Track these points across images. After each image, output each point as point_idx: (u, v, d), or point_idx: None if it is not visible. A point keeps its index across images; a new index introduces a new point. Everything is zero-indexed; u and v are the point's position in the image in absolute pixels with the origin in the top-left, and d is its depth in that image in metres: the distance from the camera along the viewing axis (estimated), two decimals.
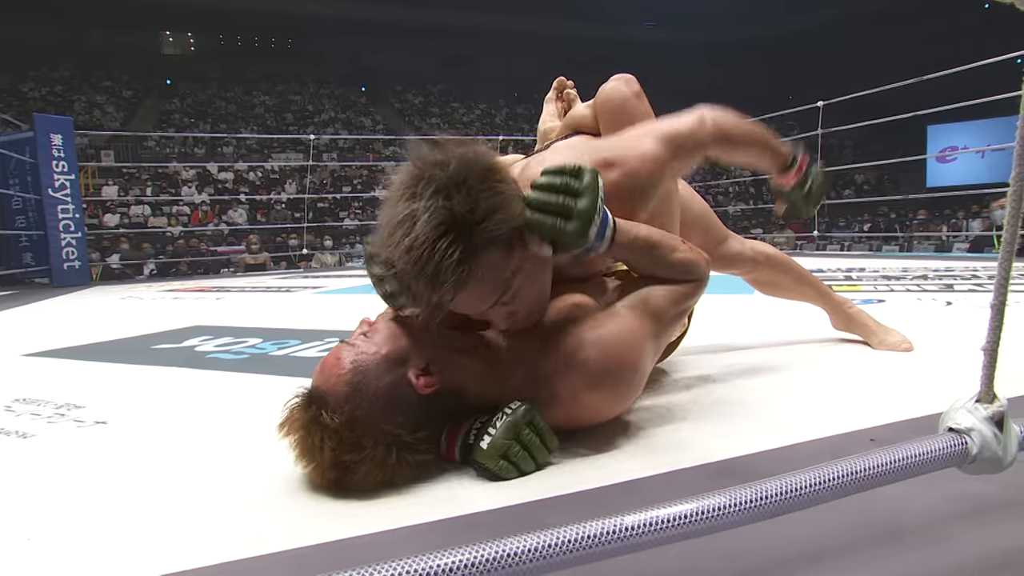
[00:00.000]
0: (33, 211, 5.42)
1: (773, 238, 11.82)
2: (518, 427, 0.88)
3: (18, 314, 3.44)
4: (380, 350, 0.88)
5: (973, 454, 0.62)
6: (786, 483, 0.56)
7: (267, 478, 0.94)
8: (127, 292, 4.62)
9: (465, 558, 0.48)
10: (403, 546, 0.73)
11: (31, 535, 0.80)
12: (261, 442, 1.11)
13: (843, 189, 16.52)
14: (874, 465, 0.59)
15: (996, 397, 0.63)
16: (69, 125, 5.62)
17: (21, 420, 1.31)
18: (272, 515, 0.83)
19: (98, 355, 2.07)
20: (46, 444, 1.16)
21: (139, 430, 1.25)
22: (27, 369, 1.90)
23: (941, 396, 0.67)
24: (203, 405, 1.45)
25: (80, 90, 18.09)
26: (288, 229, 10.34)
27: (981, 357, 0.64)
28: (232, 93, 19.73)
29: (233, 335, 2.36)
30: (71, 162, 5.37)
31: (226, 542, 0.76)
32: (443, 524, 0.78)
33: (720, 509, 0.54)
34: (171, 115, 18.10)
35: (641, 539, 0.53)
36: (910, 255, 7.42)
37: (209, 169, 14.09)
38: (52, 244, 5.26)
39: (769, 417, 1.15)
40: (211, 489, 0.93)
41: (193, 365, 1.86)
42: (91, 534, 0.80)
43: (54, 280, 5.26)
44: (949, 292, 2.81)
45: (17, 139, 5.54)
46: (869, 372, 1.49)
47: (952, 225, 11.59)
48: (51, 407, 1.40)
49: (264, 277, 5.95)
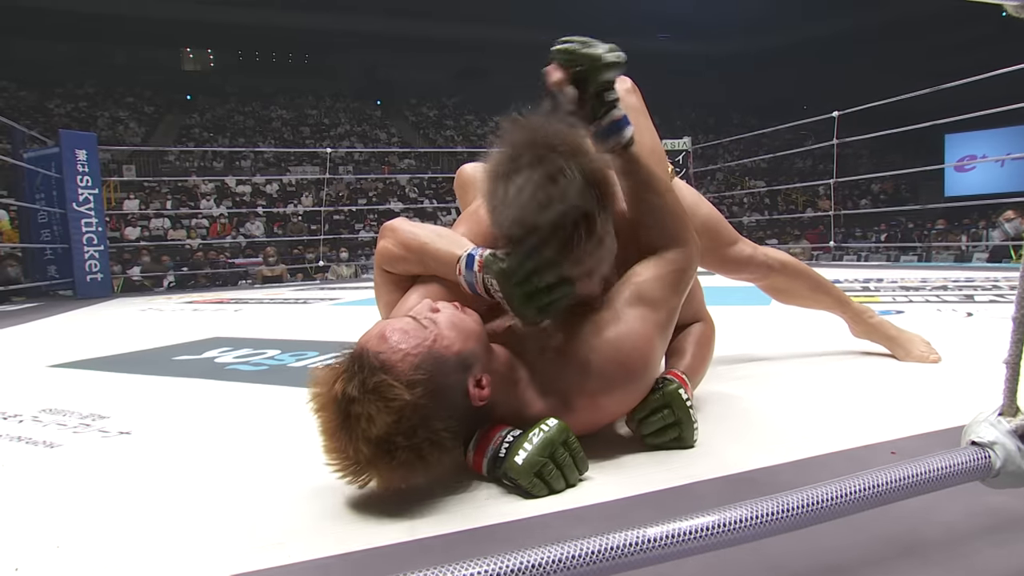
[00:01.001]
0: (58, 225, 5.53)
1: (789, 248, 11.72)
2: (553, 445, 0.87)
3: (43, 326, 3.50)
4: (453, 345, 0.86)
5: (997, 468, 0.61)
6: (807, 496, 0.56)
7: (288, 487, 0.95)
8: (147, 304, 4.68)
9: (488, 568, 0.49)
10: (426, 556, 0.74)
11: (60, 543, 0.81)
12: (280, 452, 1.13)
13: (860, 199, 16.36)
14: (896, 478, 0.58)
15: (1019, 410, 0.63)
16: (93, 141, 5.73)
17: (48, 430, 1.33)
18: (293, 524, 0.83)
19: (121, 366, 2.10)
20: (72, 454, 1.18)
21: (162, 441, 1.27)
22: (53, 380, 1.93)
23: (964, 409, 0.66)
24: (223, 416, 1.46)
25: (103, 106, 18.48)
26: (304, 241, 10.43)
27: (1003, 370, 0.64)
28: (250, 108, 20.03)
29: (252, 346, 2.39)
30: (95, 177, 5.47)
31: (248, 551, 0.77)
32: (467, 535, 0.78)
33: (742, 521, 0.54)
34: (191, 130, 18.40)
35: (663, 551, 0.54)
36: (929, 265, 7.32)
37: (227, 182, 14.28)
38: (76, 257, 5.36)
39: (790, 429, 1.15)
40: (233, 498, 0.94)
41: (213, 376, 1.88)
42: (116, 543, 0.82)
43: (77, 292, 5.35)
44: (970, 303, 2.77)
45: (43, 155, 5.66)
46: (890, 383, 1.48)
47: (972, 235, 11.41)
48: (76, 417, 1.43)
49: (281, 289, 6.01)
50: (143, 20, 19.08)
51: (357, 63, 21.27)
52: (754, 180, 17.48)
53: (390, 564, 0.70)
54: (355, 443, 0.79)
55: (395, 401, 0.78)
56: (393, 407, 0.78)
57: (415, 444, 0.80)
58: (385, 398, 0.78)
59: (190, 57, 22.44)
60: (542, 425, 0.89)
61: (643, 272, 1.01)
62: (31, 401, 1.60)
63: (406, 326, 0.86)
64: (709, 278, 1.44)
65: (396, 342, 0.83)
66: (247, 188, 14.67)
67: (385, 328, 0.86)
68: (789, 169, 18.08)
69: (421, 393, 0.80)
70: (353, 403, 0.78)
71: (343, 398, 0.79)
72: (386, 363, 0.80)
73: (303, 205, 13.79)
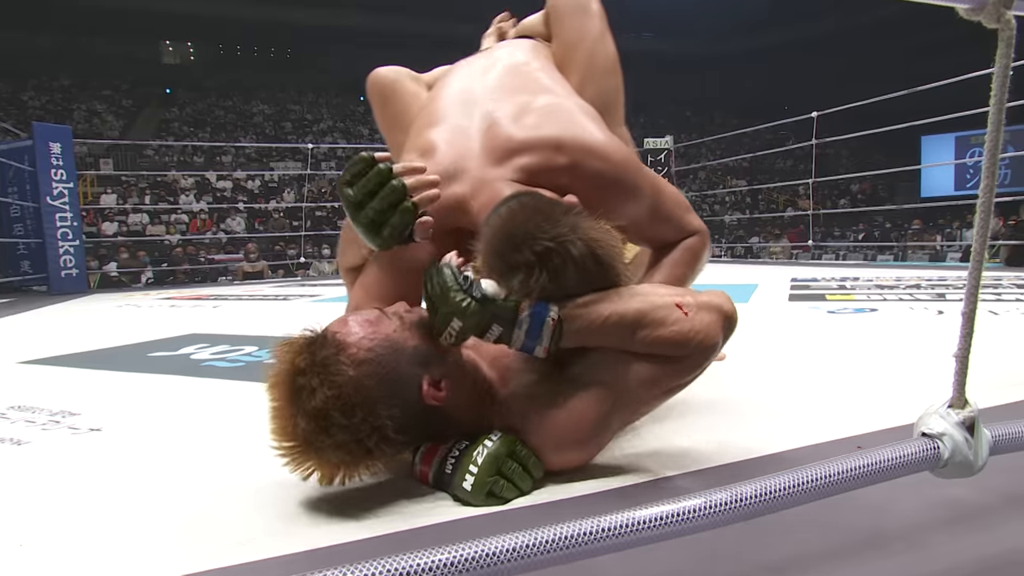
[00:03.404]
0: (31, 219, 5.43)
1: (769, 247, 11.85)
2: (499, 460, 0.84)
3: (15, 322, 3.44)
4: (411, 339, 0.85)
5: (945, 458, 0.63)
6: (761, 486, 0.58)
7: (258, 485, 0.95)
8: (124, 300, 4.62)
9: (446, 558, 0.49)
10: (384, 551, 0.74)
11: (23, 541, 0.81)
12: (251, 449, 1.12)
13: (839, 199, 16.60)
14: (847, 469, 0.60)
15: (968, 402, 0.65)
16: (68, 134, 5.63)
17: (16, 427, 1.32)
18: (262, 521, 0.83)
19: (94, 363, 2.07)
20: (40, 451, 1.17)
21: (133, 437, 1.26)
22: (23, 376, 1.90)
23: (927, 402, 0.68)
24: (197, 413, 1.45)
25: (80, 99, 18.14)
26: (286, 238, 10.35)
27: (954, 364, 0.66)
28: (231, 102, 19.79)
29: (229, 343, 2.37)
30: (70, 170, 5.38)
31: (216, 548, 0.77)
32: (440, 527, 0.79)
33: (697, 510, 0.56)
34: (170, 124, 18.15)
35: (622, 539, 0.54)
36: (904, 264, 7.46)
37: (208, 177, 14.12)
38: (50, 252, 5.26)
39: (758, 425, 1.17)
40: (202, 496, 0.94)
41: (188, 372, 1.87)
42: (82, 540, 0.81)
43: (52, 288, 5.26)
44: (941, 301, 2.83)
45: (16, 147, 5.55)
46: (859, 380, 1.51)
47: (946, 235, 11.64)
48: (46, 414, 1.41)
49: (261, 285, 5.96)
50: (121, 11, 18.68)
51: (340, 58, 21.10)
52: (736, 179, 17.65)
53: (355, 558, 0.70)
54: (294, 417, 0.78)
55: (338, 376, 0.78)
56: (335, 381, 0.77)
57: (353, 424, 0.78)
58: (329, 371, 0.78)
59: (170, 50, 22.09)
60: (485, 440, 0.85)
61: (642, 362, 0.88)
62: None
63: (369, 315, 0.86)
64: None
65: (355, 324, 0.84)
66: (228, 184, 14.51)
67: (350, 315, 0.87)
68: (770, 168, 18.27)
69: (367, 372, 0.79)
70: (300, 374, 0.79)
71: (292, 370, 0.79)
72: (340, 342, 0.81)
73: (285, 201, 13.68)
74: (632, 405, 0.92)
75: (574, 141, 1.06)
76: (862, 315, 2.55)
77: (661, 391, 0.92)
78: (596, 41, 1.37)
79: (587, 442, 0.92)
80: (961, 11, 0.63)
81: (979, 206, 0.61)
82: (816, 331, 2.24)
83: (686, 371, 0.90)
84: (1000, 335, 1.97)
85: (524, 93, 1.16)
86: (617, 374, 0.88)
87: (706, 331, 0.87)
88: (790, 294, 3.38)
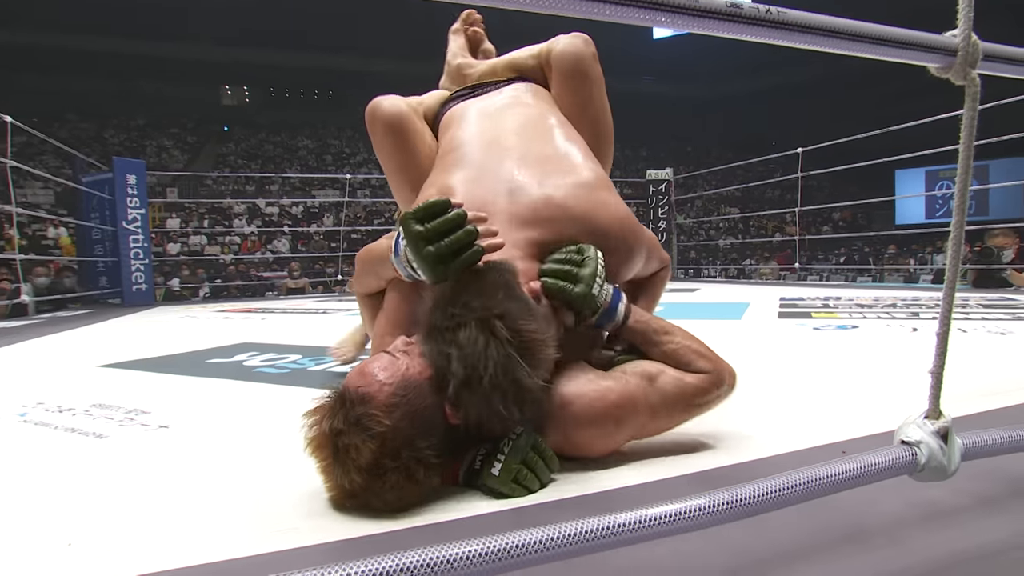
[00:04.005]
0: (109, 241, 5.56)
1: (759, 269, 11.74)
2: (523, 451, 0.86)
3: (95, 330, 3.51)
4: (423, 371, 0.83)
5: (922, 464, 0.63)
6: (759, 487, 0.58)
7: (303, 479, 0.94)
8: (185, 312, 4.69)
9: (477, 549, 0.50)
10: (423, 539, 0.75)
11: (106, 521, 0.83)
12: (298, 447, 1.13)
13: (822, 226, 16.43)
14: (835, 472, 0.60)
15: (942, 414, 0.65)
16: (142, 167, 5.77)
17: (97, 423, 1.35)
18: (307, 511, 0.84)
19: (161, 367, 2.11)
20: (117, 445, 1.20)
21: (195, 434, 1.28)
22: (102, 378, 1.94)
23: (905, 413, 0.68)
24: (250, 413, 1.47)
25: (152, 136, 18.68)
26: (325, 257, 10.45)
27: (929, 379, 0.66)
28: (279, 138, 20.17)
29: (276, 351, 2.40)
30: (142, 198, 5.50)
31: (266, 534, 0.77)
32: (463, 522, 0.79)
33: (701, 509, 0.56)
34: (227, 157, 18.53)
35: (634, 534, 0.55)
36: (881, 285, 7.35)
37: (258, 204, 14.34)
38: (124, 269, 5.38)
39: (752, 432, 1.16)
40: (254, 487, 0.95)
41: (242, 378, 1.89)
42: (153, 523, 0.83)
43: (124, 300, 5.36)
44: (916, 319, 2.79)
45: (99, 179, 5.72)
46: (843, 391, 1.49)
47: (919, 259, 11.46)
48: (122, 412, 1.44)
49: (303, 300, 6.01)
50: (187, 61, 19.47)
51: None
52: (729, 207, 17.56)
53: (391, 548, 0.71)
54: (348, 475, 0.78)
55: (376, 428, 0.76)
56: (376, 433, 0.76)
57: (403, 465, 0.78)
58: (367, 427, 0.76)
59: (228, 93, 22.63)
60: (511, 435, 0.87)
61: (669, 371, 0.98)
62: (83, 397, 1.61)
63: (380, 361, 0.84)
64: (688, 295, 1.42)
65: (372, 375, 0.82)
66: (275, 209, 14.72)
67: (363, 366, 0.85)
68: (760, 198, 18.16)
69: (399, 416, 0.78)
70: (340, 435, 0.77)
71: (331, 432, 0.78)
72: (365, 395, 0.79)
73: (324, 225, 13.83)
74: (661, 402, 0.95)
75: (591, 221, 1.05)
76: (844, 331, 2.53)
77: (683, 401, 0.97)
78: (600, 111, 1.32)
79: (606, 421, 0.93)
80: (932, 69, 0.64)
81: (951, 239, 0.62)
82: (803, 346, 2.21)
83: (703, 391, 0.97)
84: (968, 351, 1.95)
85: (547, 154, 1.13)
86: (649, 371, 0.96)
87: (722, 364, 1.00)
88: (779, 312, 3.35)
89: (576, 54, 1.27)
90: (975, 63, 0.63)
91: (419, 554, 0.49)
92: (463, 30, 1.65)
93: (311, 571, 0.45)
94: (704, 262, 13.82)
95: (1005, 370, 1.63)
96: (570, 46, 1.27)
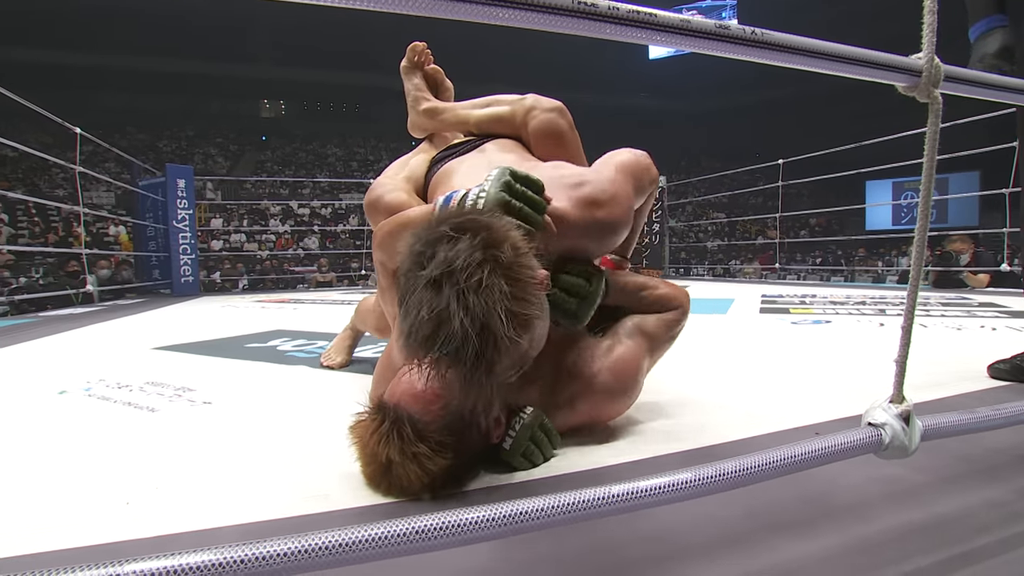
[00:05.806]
0: (161, 238, 5.62)
1: (743, 269, 11.67)
2: (531, 429, 0.86)
3: (148, 317, 3.54)
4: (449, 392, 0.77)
5: (886, 444, 0.63)
6: (740, 463, 0.58)
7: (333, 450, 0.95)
8: (226, 302, 4.72)
9: (486, 515, 0.50)
10: (441, 505, 0.75)
11: (158, 485, 0.84)
12: (327, 422, 1.15)
13: (800, 230, 16.30)
14: (808, 451, 0.60)
15: (904, 399, 0.64)
16: (190, 172, 5.81)
17: (150, 398, 1.36)
18: (337, 479, 0.84)
19: (205, 350, 2.12)
20: (168, 417, 1.21)
21: (235, 410, 1.29)
22: (155, 359, 1.96)
23: (872, 398, 0.68)
24: (283, 392, 1.48)
25: (199, 145, 18.84)
26: (351, 254, 10.48)
27: (894, 367, 0.65)
28: (311, 146, 20.24)
29: (306, 338, 2.41)
30: (190, 200, 5.55)
31: (299, 499, 0.78)
32: (481, 491, 0.80)
33: (687, 483, 0.56)
34: (264, 164, 18.61)
35: (627, 504, 0.55)
36: (852, 284, 7.28)
37: (291, 205, 14.40)
38: (173, 263, 5.43)
39: (734, 415, 1.16)
40: (289, 457, 0.96)
41: (276, 360, 1.90)
42: (199, 487, 0.84)
43: (173, 291, 5.42)
44: (883, 316, 2.77)
45: (153, 183, 5.78)
46: (817, 379, 1.49)
47: (886, 261, 11.36)
48: (171, 389, 1.45)
49: (331, 292, 6.04)
50: (231, 78, 19.71)
51: (395, 112, 21.30)
52: (716, 212, 17.43)
53: (410, 513, 0.72)
54: (393, 490, 0.76)
55: (431, 468, 0.74)
56: (429, 471, 0.74)
57: (455, 476, 0.79)
58: (423, 467, 0.74)
59: (266, 107, 22.73)
60: (521, 414, 0.87)
61: (650, 319, 1.03)
62: (138, 375, 1.63)
63: (414, 383, 0.77)
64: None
65: (426, 404, 0.76)
66: (306, 210, 14.77)
67: (414, 386, 0.77)
68: (745, 204, 18.02)
69: (451, 456, 0.75)
70: (393, 465, 0.74)
71: (386, 461, 0.74)
72: (421, 432, 0.74)
73: (350, 224, 13.85)
74: (654, 345, 1.02)
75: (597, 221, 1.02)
76: (819, 326, 2.51)
77: (667, 336, 1.04)
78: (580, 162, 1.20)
79: (635, 385, 0.99)
80: (899, 88, 0.64)
81: (915, 244, 0.61)
82: (782, 339, 2.20)
83: (676, 321, 1.05)
84: (928, 345, 1.94)
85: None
86: (640, 325, 1.02)
87: (682, 293, 1.07)
88: (760, 307, 3.33)
89: (554, 128, 1.16)
90: (937, 83, 0.62)
91: (432, 518, 0.49)
92: (417, 67, 1.47)
93: (336, 531, 0.46)
94: (693, 262, 13.74)
95: (960, 361, 1.62)
96: (547, 122, 1.16)
